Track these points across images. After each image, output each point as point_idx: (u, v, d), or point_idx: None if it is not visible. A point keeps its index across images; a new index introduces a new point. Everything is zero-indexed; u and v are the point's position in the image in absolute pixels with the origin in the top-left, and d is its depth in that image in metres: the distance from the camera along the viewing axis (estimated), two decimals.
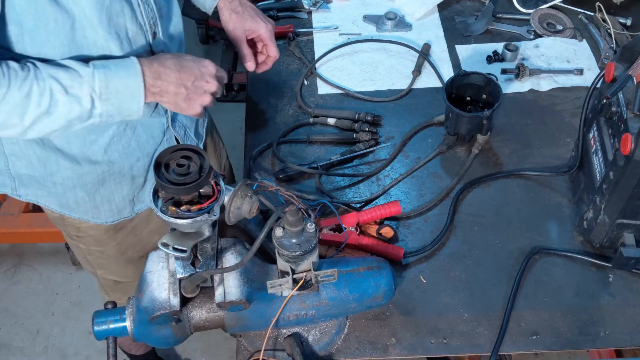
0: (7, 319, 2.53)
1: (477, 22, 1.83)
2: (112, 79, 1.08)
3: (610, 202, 1.20)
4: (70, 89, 1.05)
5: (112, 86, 1.08)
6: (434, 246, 1.35)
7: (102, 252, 1.51)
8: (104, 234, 1.45)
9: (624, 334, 1.23)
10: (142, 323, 1.06)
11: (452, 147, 1.53)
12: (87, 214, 1.38)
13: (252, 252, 0.96)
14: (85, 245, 1.51)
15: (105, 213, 1.39)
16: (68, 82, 1.05)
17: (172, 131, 1.36)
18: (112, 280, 1.63)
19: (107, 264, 1.56)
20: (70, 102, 1.06)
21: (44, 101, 1.04)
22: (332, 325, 1.21)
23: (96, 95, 1.07)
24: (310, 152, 1.54)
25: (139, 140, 1.31)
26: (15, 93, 1.02)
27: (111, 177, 1.33)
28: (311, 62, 1.74)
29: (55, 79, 1.05)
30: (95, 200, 1.35)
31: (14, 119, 1.05)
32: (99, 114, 1.09)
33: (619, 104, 1.17)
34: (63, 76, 1.05)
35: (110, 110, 1.10)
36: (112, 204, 1.38)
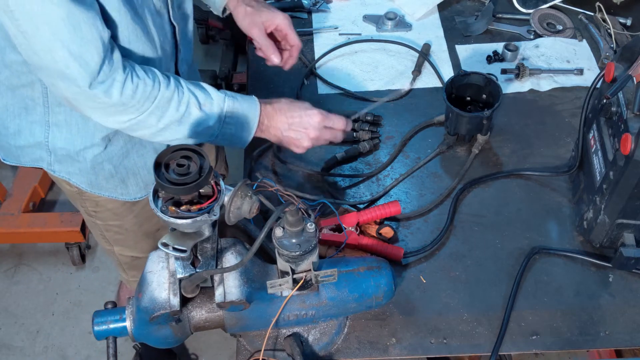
0: (7, 319, 2.53)
1: (477, 22, 1.83)
2: (238, 108, 1.23)
3: (610, 202, 1.20)
4: (203, 106, 1.19)
5: (237, 114, 1.23)
6: (434, 246, 1.35)
7: (120, 226, 1.55)
8: (121, 207, 1.48)
9: (624, 334, 1.23)
10: (142, 323, 1.06)
11: (452, 147, 1.53)
12: (116, 190, 1.43)
13: (252, 252, 0.96)
14: (103, 221, 1.54)
15: (133, 188, 1.44)
16: (202, 100, 1.18)
17: None
18: (130, 257, 1.67)
19: (124, 239, 1.60)
20: (201, 117, 1.19)
21: (181, 109, 1.17)
22: (332, 325, 1.21)
23: (222, 117, 1.21)
24: (310, 151, 1.54)
25: None
26: (162, 94, 1.14)
27: (134, 149, 1.38)
28: (311, 62, 1.74)
29: (193, 94, 1.18)
30: (121, 173, 1.40)
31: (152, 119, 1.16)
32: (216, 135, 1.23)
33: (619, 104, 1.17)
34: (199, 93, 1.20)
35: (226, 135, 1.24)
36: (137, 178, 1.42)
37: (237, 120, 1.23)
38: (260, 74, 1.73)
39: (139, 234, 1.59)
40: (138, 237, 1.60)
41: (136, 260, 1.70)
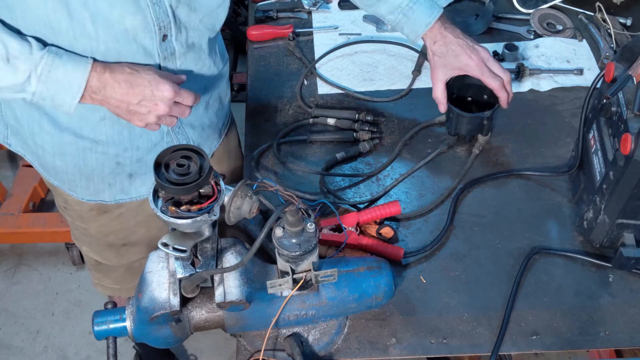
0: (7, 319, 2.53)
1: (477, 22, 1.83)
2: (57, 67, 1.09)
3: (610, 202, 1.20)
4: (12, 59, 1.07)
5: (55, 73, 1.09)
6: (434, 246, 1.35)
7: (85, 229, 1.52)
8: (87, 212, 1.45)
9: (624, 334, 1.23)
10: (142, 323, 1.06)
11: (452, 147, 1.53)
12: (64, 184, 1.39)
13: (252, 252, 0.96)
14: (71, 219, 1.53)
15: (82, 189, 1.39)
16: (15, 52, 1.07)
17: (172, 136, 1.36)
18: (94, 260, 1.64)
19: (89, 241, 1.58)
20: (6, 71, 1.07)
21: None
22: (332, 325, 1.21)
23: (35, 75, 1.08)
24: (310, 152, 1.54)
25: (132, 132, 1.30)
26: None
27: (93, 156, 1.32)
28: (311, 62, 1.74)
29: (3, 44, 1.06)
30: (74, 173, 1.36)
31: None
32: (32, 92, 1.10)
33: (619, 104, 1.17)
34: (14, 45, 1.07)
35: (44, 94, 1.10)
36: (89, 182, 1.38)
37: (56, 79, 1.09)
38: (260, 74, 1.73)
39: (102, 243, 1.55)
40: (101, 245, 1.57)
41: (100, 265, 1.67)
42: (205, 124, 1.45)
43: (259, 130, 1.59)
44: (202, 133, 1.45)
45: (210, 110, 1.45)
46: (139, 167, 1.37)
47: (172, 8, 1.16)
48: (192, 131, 1.41)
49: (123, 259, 1.60)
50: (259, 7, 1.90)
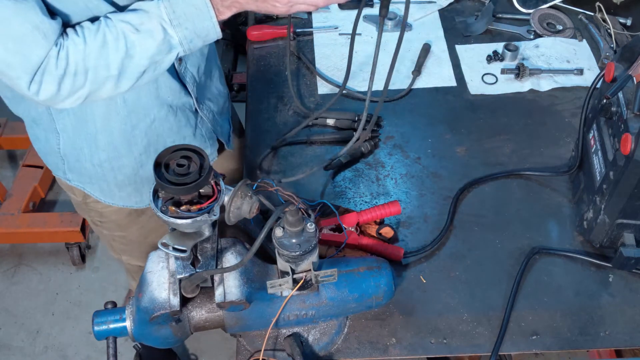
0: (7, 319, 2.53)
1: (477, 22, 1.83)
2: (177, 3, 1.08)
3: (610, 202, 1.20)
4: (140, 26, 1.08)
5: (179, 10, 1.08)
6: (434, 246, 1.35)
7: (125, 237, 1.54)
8: (125, 218, 1.47)
9: (624, 334, 1.23)
10: (142, 323, 1.06)
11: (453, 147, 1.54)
12: (130, 198, 1.42)
13: (252, 252, 0.96)
14: (109, 231, 1.54)
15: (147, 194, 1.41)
16: (137, 21, 1.08)
17: (200, 113, 1.39)
18: (137, 266, 1.67)
19: (130, 249, 1.60)
20: (144, 39, 1.08)
21: (120, 45, 1.07)
22: (332, 325, 1.21)
23: (167, 23, 1.08)
24: (310, 152, 1.54)
25: (180, 124, 1.34)
26: (92, 45, 1.06)
27: (149, 159, 1.35)
28: (311, 62, 1.74)
29: (125, 22, 1.08)
30: (136, 182, 1.39)
31: (102, 72, 1.08)
32: (178, 42, 1.10)
33: (619, 104, 1.17)
34: (132, 17, 1.08)
35: (188, 35, 1.10)
36: (151, 183, 1.39)
37: (185, 15, 1.09)
38: (260, 74, 1.73)
39: (145, 245, 1.57)
40: (143, 248, 1.58)
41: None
42: (216, 94, 1.48)
43: (259, 131, 1.59)
44: (218, 103, 1.49)
45: (214, 78, 1.48)
46: None
47: None
48: (212, 104, 1.45)
49: None
50: None
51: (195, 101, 1.37)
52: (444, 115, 1.61)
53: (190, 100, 1.36)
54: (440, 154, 1.53)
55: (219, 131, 1.50)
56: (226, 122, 1.54)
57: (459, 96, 1.66)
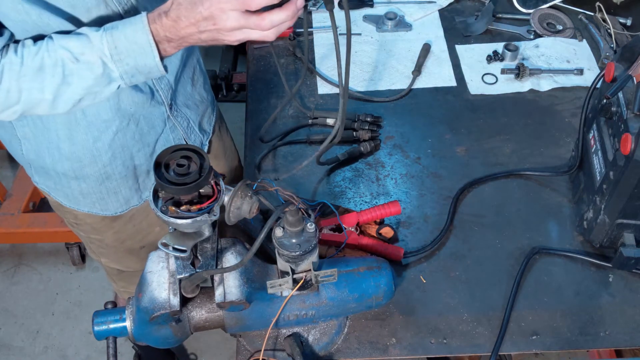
0: (7, 319, 2.53)
1: (477, 22, 1.83)
2: (119, 39, 1.04)
3: (610, 202, 1.20)
4: (80, 56, 1.04)
5: (121, 46, 1.04)
6: (434, 246, 1.35)
7: (101, 240, 1.52)
8: (100, 222, 1.45)
9: (624, 334, 1.23)
10: (142, 323, 1.06)
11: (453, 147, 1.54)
12: (94, 206, 1.39)
13: (252, 252, 0.96)
14: (85, 233, 1.52)
15: (113, 204, 1.41)
16: (78, 50, 1.04)
17: (173, 120, 1.36)
18: (116, 269, 1.64)
19: (107, 252, 1.57)
20: (82, 70, 1.05)
21: (57, 72, 1.04)
22: (332, 325, 1.21)
23: (107, 58, 1.05)
24: (310, 151, 1.54)
25: (142, 132, 1.32)
26: (28, 68, 1.03)
27: (115, 172, 1.34)
28: (311, 62, 1.74)
29: (65, 49, 1.04)
30: (101, 192, 1.37)
31: (36, 95, 1.05)
32: (119, 76, 1.07)
33: (619, 104, 1.17)
34: (74, 45, 1.04)
35: (129, 71, 1.07)
36: (118, 196, 1.39)
37: (127, 51, 1.04)
38: (260, 74, 1.73)
39: (121, 249, 1.55)
40: (120, 253, 1.56)
41: (122, 273, 1.66)
42: (198, 100, 1.45)
43: (259, 131, 1.59)
44: (198, 110, 1.45)
45: (197, 85, 1.44)
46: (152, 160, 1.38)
47: None
48: (189, 111, 1.41)
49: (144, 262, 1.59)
50: None
51: (168, 109, 1.33)
52: (444, 115, 1.61)
53: (161, 108, 1.32)
54: (440, 154, 1.53)
55: (191, 139, 1.46)
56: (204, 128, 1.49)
57: (459, 96, 1.66)
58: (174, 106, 1.36)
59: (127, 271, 1.64)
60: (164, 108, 1.33)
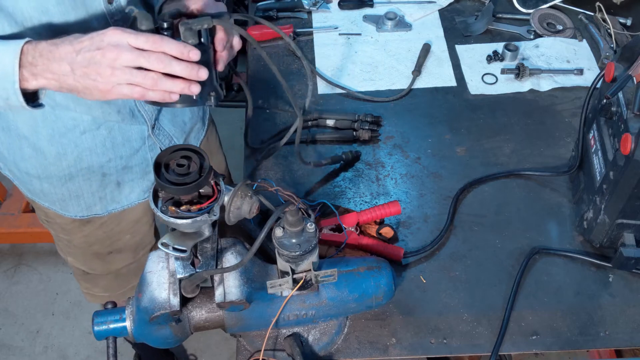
0: (7, 319, 2.53)
1: (477, 22, 1.83)
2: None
3: (610, 202, 1.20)
4: None
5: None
6: (434, 246, 1.35)
7: (69, 241, 1.50)
8: (70, 224, 1.43)
9: (624, 334, 1.23)
10: (142, 323, 1.06)
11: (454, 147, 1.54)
12: (54, 204, 1.37)
13: (252, 252, 0.96)
14: (54, 232, 1.51)
15: (74, 207, 1.37)
16: None
17: (154, 138, 1.33)
18: (81, 270, 1.62)
19: (74, 253, 1.55)
20: None
21: None
22: (332, 325, 1.21)
23: None
24: (310, 151, 1.54)
25: (114, 141, 1.28)
26: None
27: (79, 173, 1.30)
28: (311, 62, 1.74)
29: None
30: (63, 194, 1.34)
31: None
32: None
33: (619, 104, 1.17)
34: None
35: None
36: (80, 200, 1.36)
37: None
38: (260, 74, 1.73)
39: (88, 252, 1.52)
40: (87, 255, 1.54)
41: (87, 275, 1.63)
42: (187, 118, 1.41)
43: (259, 131, 1.59)
44: (185, 127, 1.41)
45: None
46: (124, 174, 1.36)
47: None
48: (174, 128, 1.37)
49: (110, 267, 1.58)
50: (259, 7, 1.90)
51: (149, 128, 1.30)
52: (443, 115, 1.61)
53: (142, 127, 1.29)
54: (440, 154, 1.53)
55: None
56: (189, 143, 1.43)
57: (459, 96, 1.66)
58: (158, 125, 1.33)
59: (92, 273, 1.61)
60: (145, 127, 1.30)
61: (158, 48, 0.92)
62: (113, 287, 1.65)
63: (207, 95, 0.96)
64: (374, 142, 1.54)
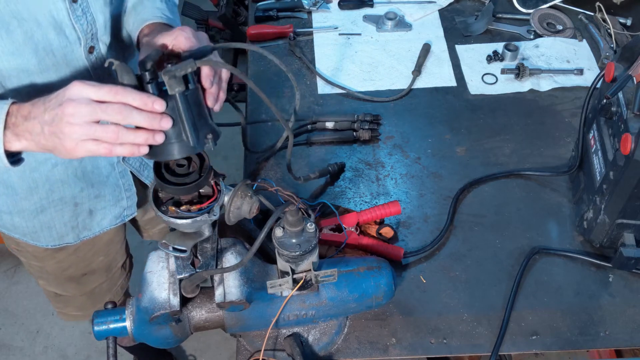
0: (7, 319, 2.53)
1: (477, 22, 1.83)
2: None
3: (610, 202, 1.20)
4: None
5: None
6: (434, 246, 1.35)
7: (42, 267, 1.47)
8: (42, 252, 1.41)
9: (624, 334, 1.23)
10: (142, 323, 1.06)
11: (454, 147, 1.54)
12: (25, 236, 1.35)
13: (252, 252, 0.96)
14: (26, 259, 1.48)
15: (45, 238, 1.36)
16: None
17: (123, 164, 1.33)
18: (53, 292, 1.59)
19: (47, 277, 1.52)
20: None
21: None
22: (332, 325, 1.21)
23: None
24: (310, 152, 1.54)
25: (85, 170, 1.27)
26: None
27: (51, 205, 1.29)
28: (311, 62, 1.74)
29: None
30: (34, 226, 1.32)
31: None
32: None
33: (619, 104, 1.17)
34: None
35: None
36: (52, 230, 1.35)
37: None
38: (260, 74, 1.73)
39: (62, 277, 1.50)
40: (60, 279, 1.51)
41: (60, 297, 1.59)
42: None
43: (259, 131, 1.59)
44: None
45: None
46: (97, 202, 1.35)
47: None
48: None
49: (84, 288, 1.57)
50: (259, 7, 1.90)
51: (120, 158, 1.28)
52: (443, 115, 1.61)
53: (112, 158, 1.27)
54: (440, 154, 1.53)
55: (144, 174, 1.39)
56: None
57: (459, 96, 1.66)
58: None
59: (65, 295, 1.58)
60: (114, 158, 1.29)
61: (120, 100, 0.87)
62: (86, 306, 1.63)
63: (204, 138, 0.92)
64: (374, 142, 1.54)
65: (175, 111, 0.88)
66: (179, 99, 0.87)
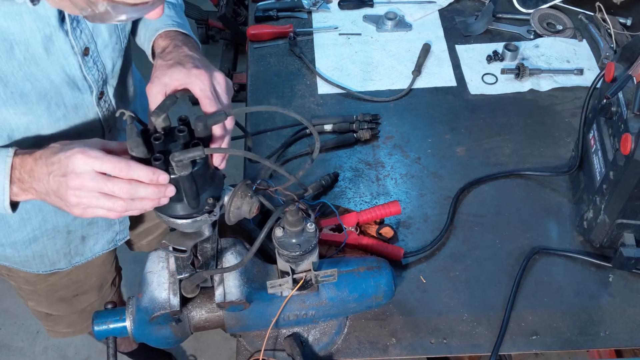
0: (7, 319, 2.53)
1: (477, 22, 1.83)
2: None
3: (610, 202, 1.20)
4: None
5: None
6: (434, 246, 1.35)
7: (33, 291, 1.47)
8: (34, 277, 1.41)
9: (624, 334, 1.23)
10: (142, 323, 1.06)
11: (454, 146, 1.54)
12: (16, 264, 1.35)
13: (252, 252, 0.96)
14: (16, 283, 1.48)
15: (37, 265, 1.35)
16: None
17: None
18: (44, 313, 1.58)
19: (37, 299, 1.52)
20: None
21: None
22: (332, 325, 1.21)
23: None
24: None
25: None
26: None
27: (44, 235, 1.28)
28: (311, 62, 1.74)
29: None
30: (27, 255, 1.32)
31: None
32: None
33: (619, 104, 1.17)
34: None
35: None
36: (44, 258, 1.34)
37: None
38: (260, 74, 1.73)
39: (53, 299, 1.50)
40: (51, 300, 1.51)
41: (50, 316, 1.59)
42: None
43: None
44: None
45: None
46: (89, 228, 1.35)
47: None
48: None
49: (75, 308, 1.58)
50: (259, 7, 1.90)
51: None
52: (443, 115, 1.61)
53: None
54: (440, 154, 1.53)
55: None
56: None
57: (459, 96, 1.66)
58: None
59: (56, 314, 1.58)
60: None
61: (125, 175, 0.87)
62: (76, 323, 1.63)
63: (204, 202, 0.94)
64: (374, 142, 1.54)
65: (180, 184, 0.91)
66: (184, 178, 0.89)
